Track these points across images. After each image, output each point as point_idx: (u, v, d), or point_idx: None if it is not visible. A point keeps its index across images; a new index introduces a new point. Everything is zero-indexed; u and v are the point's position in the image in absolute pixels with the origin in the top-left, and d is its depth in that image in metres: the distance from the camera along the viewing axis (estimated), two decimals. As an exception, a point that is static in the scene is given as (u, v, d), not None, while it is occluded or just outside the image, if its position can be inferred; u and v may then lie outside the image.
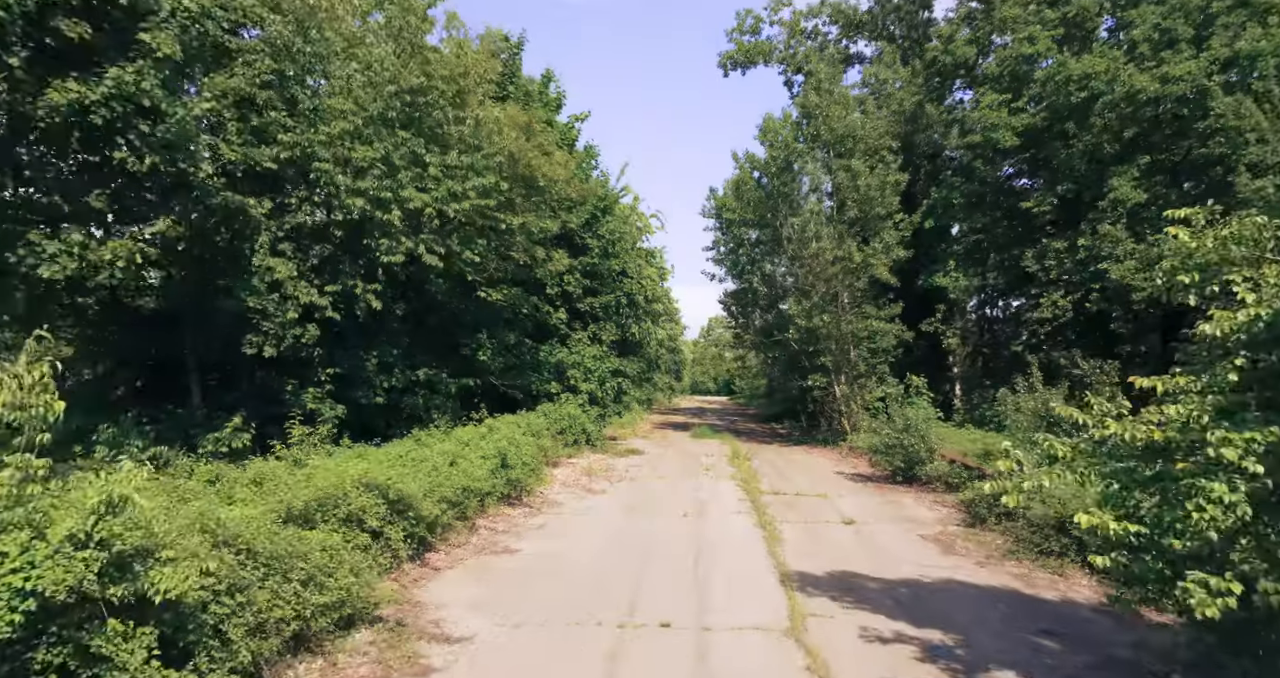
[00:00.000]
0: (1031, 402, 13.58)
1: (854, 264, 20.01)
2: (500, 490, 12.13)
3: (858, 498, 14.03)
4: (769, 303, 26.72)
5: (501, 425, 14.58)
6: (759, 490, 14.56)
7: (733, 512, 12.58)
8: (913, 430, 14.98)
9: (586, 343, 21.53)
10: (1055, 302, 17.60)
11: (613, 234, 22.49)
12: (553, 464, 17.00)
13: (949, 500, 13.48)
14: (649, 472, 17.18)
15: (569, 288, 20.92)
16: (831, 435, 22.53)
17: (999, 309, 29.52)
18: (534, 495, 13.54)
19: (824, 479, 16.44)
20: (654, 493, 14.39)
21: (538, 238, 17.21)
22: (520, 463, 13.03)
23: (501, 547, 10.07)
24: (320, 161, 11.75)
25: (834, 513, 12.54)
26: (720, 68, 27.08)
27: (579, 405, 20.47)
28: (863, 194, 19.53)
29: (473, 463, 11.50)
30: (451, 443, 12.37)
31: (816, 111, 19.88)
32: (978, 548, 10.11)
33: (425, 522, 8.89)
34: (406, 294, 17.06)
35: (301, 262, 12.99)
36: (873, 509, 12.94)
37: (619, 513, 12.42)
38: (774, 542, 10.41)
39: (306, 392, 13.85)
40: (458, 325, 18.12)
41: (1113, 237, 15.88)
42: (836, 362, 21.42)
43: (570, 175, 17.19)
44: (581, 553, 9.73)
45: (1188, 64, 14.57)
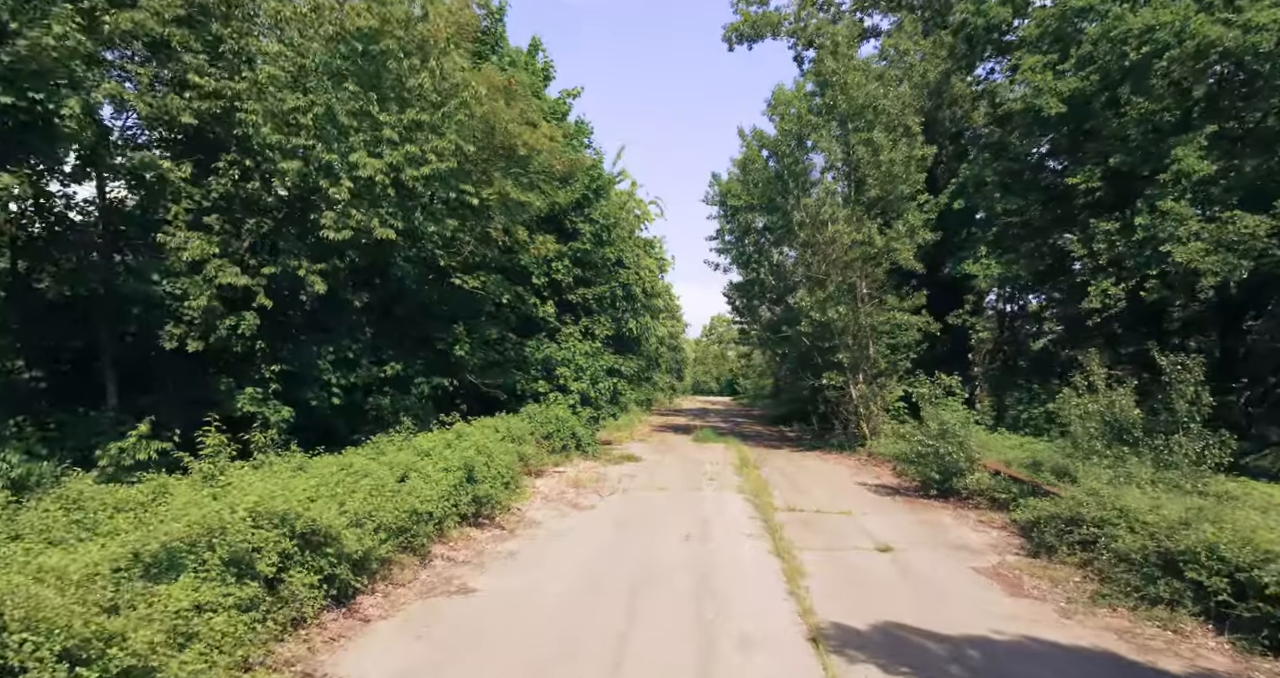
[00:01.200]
0: (1093, 404, 11.52)
1: (875, 249, 17.96)
2: (465, 510, 10.14)
3: (888, 516, 12.01)
4: (777, 296, 24.68)
5: (474, 431, 12.59)
6: (771, 506, 12.56)
7: (742, 534, 10.58)
8: (949, 436, 12.96)
9: (578, 338, 19.53)
10: (1105, 290, 15.54)
11: (607, 219, 20.48)
12: (536, 474, 15.01)
13: (997, 520, 11.46)
14: (645, 482, 15.18)
15: (558, 277, 18.91)
16: (847, 440, 20.49)
17: (1019, 303, 27.55)
18: (508, 514, 11.54)
19: (845, 492, 14.42)
20: (650, 509, 12.39)
21: (520, 217, 15.22)
22: (491, 476, 11.04)
23: (457, 585, 8.07)
24: (246, 113, 9.76)
25: (864, 536, 10.52)
26: (725, 41, 25.04)
27: (568, 407, 18.49)
28: (885, 171, 17.48)
29: (430, 478, 9.51)
30: (408, 453, 10.38)
31: (833, 79, 17.81)
32: (1052, 588, 8.08)
33: (352, 559, 6.91)
34: (370, 281, 15.07)
35: (233, 238, 11.01)
36: (909, 531, 10.92)
37: (607, 535, 10.42)
38: (795, 577, 8.40)
39: (243, 392, 11.86)
40: (429, 317, 16.14)
41: (1177, 214, 13.82)
42: (854, 359, 19.38)
43: (556, 146, 15.18)
44: (555, 593, 7.74)
45: (1273, 10, 12.54)
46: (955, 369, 18.91)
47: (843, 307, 18.29)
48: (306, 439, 12.75)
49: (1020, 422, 18.52)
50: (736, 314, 28.66)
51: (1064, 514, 8.96)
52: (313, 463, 9.49)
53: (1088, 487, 9.29)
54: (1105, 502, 8.62)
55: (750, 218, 23.55)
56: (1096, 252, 15.70)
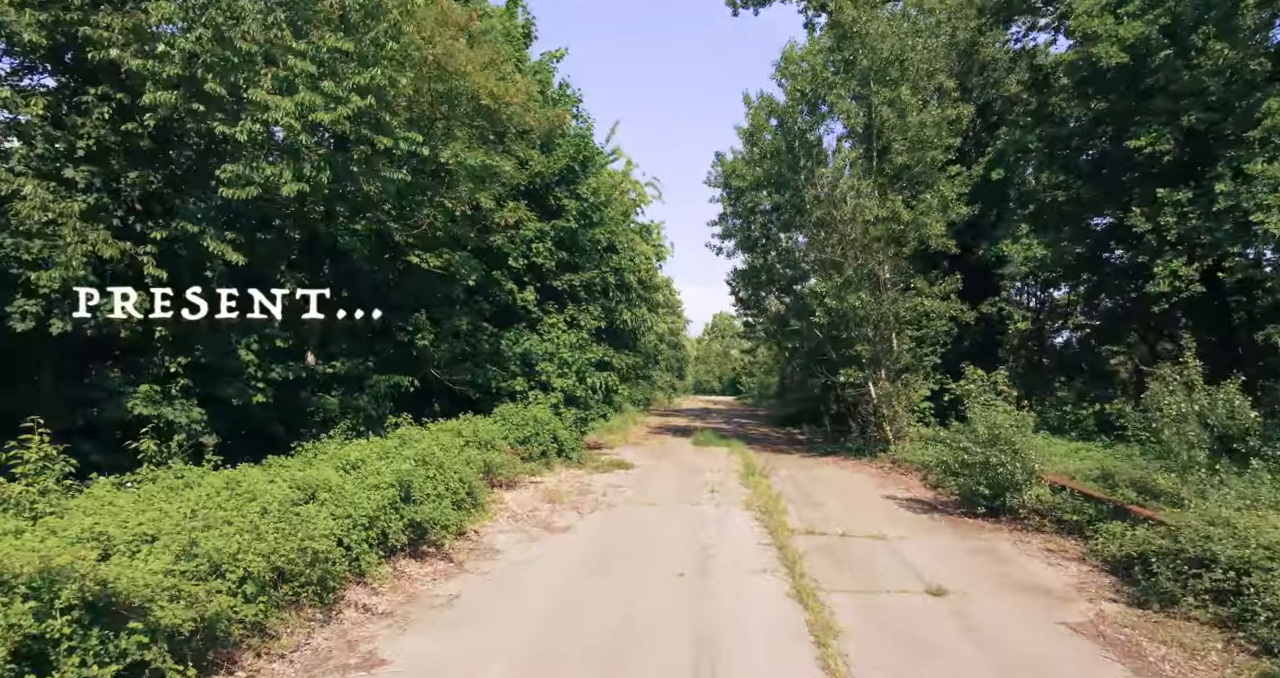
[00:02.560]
0: (1187, 404, 9.25)
1: (900, 226, 15.67)
2: (398, 540, 7.91)
3: (931, 541, 9.76)
4: (786, 283, 22.39)
5: (424, 436, 10.34)
6: (785, 526, 10.32)
7: (752, 568, 8.34)
8: (1002, 443, 10.70)
9: (562, 329, 17.29)
10: (1175, 271, 13.25)
11: (596, 196, 18.22)
12: (507, 486, 12.79)
13: (1069, 549, 9.20)
14: (635, 495, 12.94)
15: (539, 260, 16.67)
16: (866, 444, 18.22)
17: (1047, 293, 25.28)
18: (461, 540, 9.31)
19: (871, 508, 12.17)
20: (637, 530, 10.16)
21: (491, 187, 12.99)
22: (437, 494, 8.80)
23: (361, 655, 5.84)
24: (94, 28, 7.52)
25: (906, 571, 8.27)
26: (729, 5, 22.74)
27: (550, 407, 16.25)
28: (913, 135, 15.21)
29: (345, 500, 7.28)
30: (325, 467, 8.16)
31: (853, 29, 15.48)
32: (1189, 660, 5.81)
33: (179, 634, 4.66)
34: (313, 254, 12.84)
35: (108, 195, 8.77)
36: (962, 564, 8.67)
37: (580, 571, 8.18)
38: (825, 635, 6.17)
39: (137, 390, 9.63)
40: (385, 303, 13.90)
41: (1270, 177, 11.53)
42: (875, 352, 17.11)
43: (532, 102, 12.95)
44: (496, 672, 5.51)
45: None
46: (983, 367, 16.65)
47: (864, 293, 15.99)
48: (241, 447, 10.61)
49: (1065, 424, 16.24)
50: (741, 306, 26.38)
51: (1185, 551, 6.69)
52: (208, 480, 7.28)
53: (1210, 512, 7.03)
54: (1245, 535, 6.36)
55: (757, 198, 21.25)
56: (1164, 226, 13.41)
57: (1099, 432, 16.60)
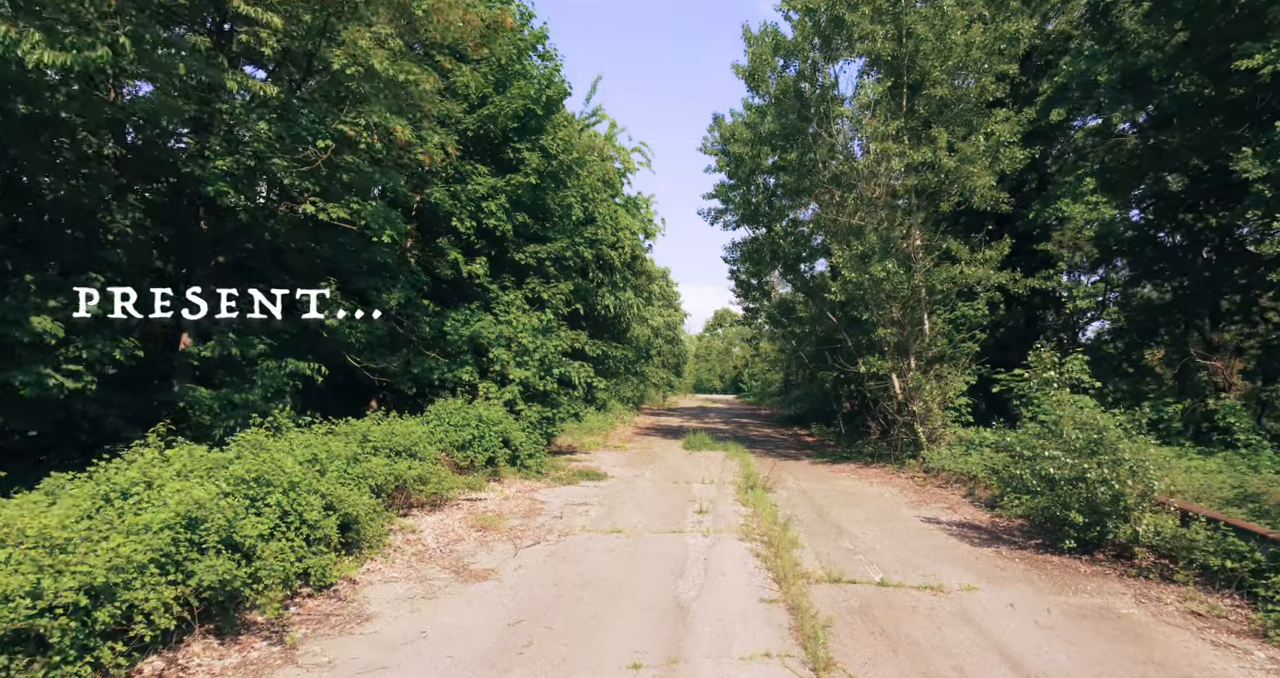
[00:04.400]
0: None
1: (938, 176, 12.55)
2: (171, 618, 4.85)
3: (1015, 596, 6.68)
4: (792, 262, 19.28)
5: (280, 451, 7.17)
6: (798, 570, 7.29)
7: (750, 651, 5.28)
8: (1105, 452, 7.65)
9: (521, 307, 14.21)
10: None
11: (567, 152, 15.12)
12: (432, 506, 9.75)
13: (1228, 613, 6.14)
14: (599, 517, 9.89)
15: (492, 223, 13.58)
16: (890, 449, 15.15)
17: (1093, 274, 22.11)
18: (322, 596, 6.27)
19: (913, 538, 9.08)
20: (588, 578, 7.09)
21: (406, 108, 9.93)
22: (276, 531, 5.75)
23: None
24: None
25: (994, 658, 5.21)
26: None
27: (505, 404, 13.21)
28: (957, 60, 12.12)
29: (69, 564, 4.25)
30: (80, 499, 5.11)
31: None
32: None
33: None
34: (166, 202, 9.79)
35: None
36: (1079, 642, 5.60)
37: (476, 666, 5.10)
38: None
39: None
40: (281, 268, 10.86)
41: None
42: (902, 337, 14.01)
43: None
44: None
45: None
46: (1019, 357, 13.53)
47: (890, 262, 12.86)
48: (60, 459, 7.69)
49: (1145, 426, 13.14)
50: (741, 289, 23.23)
51: None
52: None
53: None
54: None
55: (758, 160, 18.13)
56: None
57: (1181, 435, 13.56)
